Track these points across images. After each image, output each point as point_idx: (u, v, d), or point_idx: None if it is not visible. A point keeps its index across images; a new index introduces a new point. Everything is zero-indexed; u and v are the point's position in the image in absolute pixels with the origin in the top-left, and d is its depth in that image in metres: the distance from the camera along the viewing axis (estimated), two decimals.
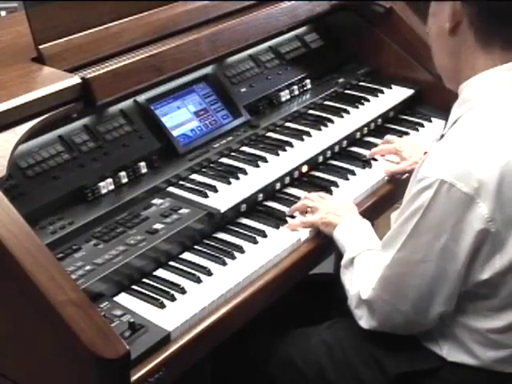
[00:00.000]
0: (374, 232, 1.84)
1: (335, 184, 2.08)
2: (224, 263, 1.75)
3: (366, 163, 2.18)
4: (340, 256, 1.81)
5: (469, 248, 1.50)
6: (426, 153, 1.91)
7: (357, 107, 2.43)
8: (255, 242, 1.83)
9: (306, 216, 1.92)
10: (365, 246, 1.75)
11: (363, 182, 2.11)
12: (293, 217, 1.93)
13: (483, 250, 1.51)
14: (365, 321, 1.67)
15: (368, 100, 2.48)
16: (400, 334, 1.67)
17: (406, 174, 2.12)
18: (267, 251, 1.80)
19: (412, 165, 2.10)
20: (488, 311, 1.58)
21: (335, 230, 1.83)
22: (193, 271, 1.72)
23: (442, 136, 1.65)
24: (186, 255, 1.79)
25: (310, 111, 2.41)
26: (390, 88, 2.57)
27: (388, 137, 2.27)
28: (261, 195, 1.98)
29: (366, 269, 1.69)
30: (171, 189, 1.96)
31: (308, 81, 2.48)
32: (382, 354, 1.70)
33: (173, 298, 1.63)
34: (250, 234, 1.86)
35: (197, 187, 1.96)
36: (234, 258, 1.77)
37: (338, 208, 1.89)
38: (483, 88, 1.56)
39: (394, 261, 1.58)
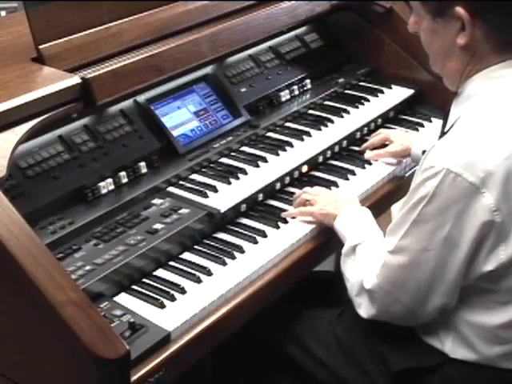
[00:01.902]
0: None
1: (335, 184, 2.08)
2: (224, 263, 1.75)
3: (366, 162, 2.19)
4: (341, 255, 1.80)
5: (472, 238, 1.50)
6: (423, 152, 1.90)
7: (357, 107, 2.43)
8: (255, 242, 1.83)
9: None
10: (367, 235, 1.75)
11: (363, 181, 2.11)
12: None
13: (488, 241, 1.51)
14: (364, 309, 1.67)
15: (368, 100, 2.48)
16: (401, 327, 1.67)
17: (392, 160, 2.18)
18: (267, 251, 1.80)
19: (397, 146, 2.16)
20: (493, 305, 1.58)
21: (335, 220, 1.84)
22: (193, 271, 1.72)
23: (443, 133, 1.65)
24: (186, 255, 1.79)
25: (310, 111, 2.41)
26: (390, 88, 2.57)
27: (380, 130, 2.31)
28: (261, 195, 1.98)
29: (369, 258, 1.69)
30: (171, 189, 1.96)
31: (308, 81, 2.48)
32: (386, 349, 1.70)
33: (173, 298, 1.63)
34: (250, 234, 1.86)
35: (197, 187, 1.96)
36: (234, 258, 1.77)
37: (336, 200, 1.91)
38: (491, 82, 1.57)
39: (397, 247, 1.59)
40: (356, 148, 2.28)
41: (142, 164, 1.95)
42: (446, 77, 1.68)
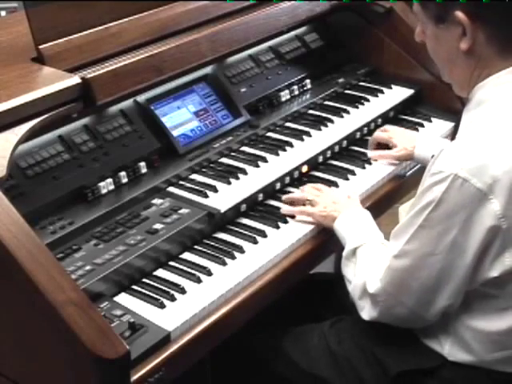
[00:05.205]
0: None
1: (335, 184, 2.08)
2: (224, 263, 1.75)
3: (366, 162, 2.18)
4: (340, 255, 1.80)
5: (478, 243, 1.50)
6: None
7: (357, 107, 2.43)
8: (255, 242, 1.83)
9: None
10: (367, 237, 1.75)
11: (363, 182, 2.11)
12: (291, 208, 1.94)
13: (493, 247, 1.51)
14: (366, 312, 1.67)
15: (368, 100, 2.48)
16: (399, 329, 1.67)
17: (396, 162, 2.18)
18: (267, 251, 1.80)
19: (400, 151, 2.16)
20: (493, 311, 1.58)
21: (335, 222, 1.84)
22: (193, 271, 1.72)
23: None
24: (186, 255, 1.79)
25: (310, 111, 2.41)
26: (390, 88, 2.57)
27: (386, 126, 2.30)
28: (261, 195, 1.98)
29: (371, 260, 1.69)
30: (171, 189, 1.96)
31: (308, 81, 2.48)
32: (383, 352, 1.70)
33: (173, 298, 1.63)
34: (250, 234, 1.86)
35: (197, 187, 1.96)
36: (233, 258, 1.77)
37: (336, 201, 1.90)
38: (499, 88, 1.57)
39: (402, 252, 1.58)
40: (356, 148, 2.28)
41: (142, 164, 1.95)
42: (454, 83, 1.68)
